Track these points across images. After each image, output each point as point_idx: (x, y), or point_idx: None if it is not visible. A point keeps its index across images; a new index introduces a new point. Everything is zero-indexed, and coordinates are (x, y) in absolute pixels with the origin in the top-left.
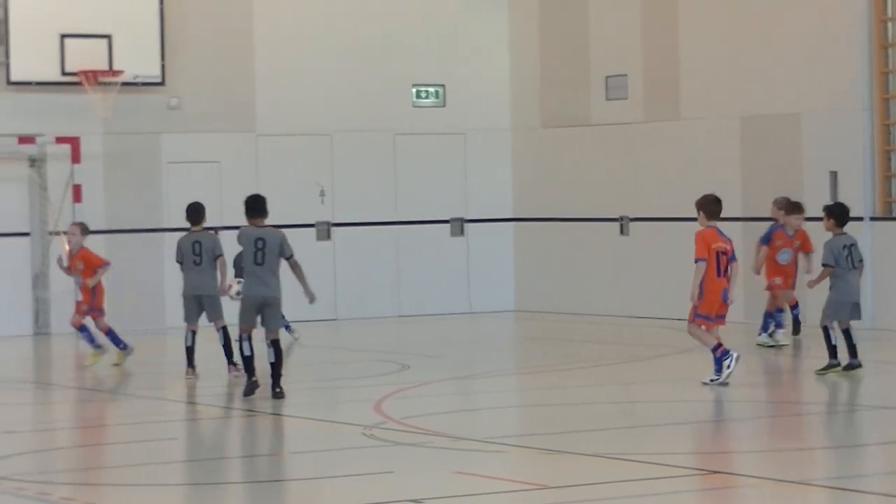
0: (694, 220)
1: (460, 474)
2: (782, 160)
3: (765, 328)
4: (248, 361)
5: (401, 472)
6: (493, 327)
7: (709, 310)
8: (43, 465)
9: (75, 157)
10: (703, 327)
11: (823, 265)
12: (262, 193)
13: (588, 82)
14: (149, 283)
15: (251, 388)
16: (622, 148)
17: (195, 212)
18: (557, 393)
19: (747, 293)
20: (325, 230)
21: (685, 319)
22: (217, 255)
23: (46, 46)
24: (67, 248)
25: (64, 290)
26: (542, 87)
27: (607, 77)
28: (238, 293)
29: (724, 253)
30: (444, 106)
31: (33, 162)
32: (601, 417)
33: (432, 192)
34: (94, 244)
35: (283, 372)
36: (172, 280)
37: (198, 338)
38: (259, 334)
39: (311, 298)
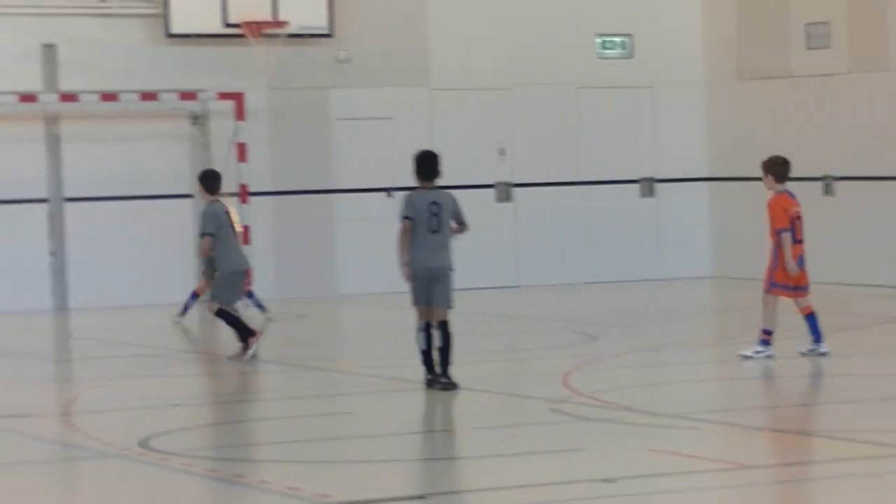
0: None
1: (655, 452)
2: None
3: None
4: (427, 355)
5: (591, 449)
6: (687, 295)
7: (787, 279)
8: (211, 441)
9: (239, 114)
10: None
11: None
12: (436, 151)
13: (787, 30)
14: (319, 248)
15: (432, 383)
16: (825, 101)
17: (216, 179)
18: (756, 365)
19: None
20: (504, 191)
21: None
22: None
23: None
24: None
25: None
26: (738, 36)
27: (808, 24)
28: None
29: (798, 217)
30: (631, 57)
31: (195, 119)
32: (803, 392)
33: (619, 149)
34: (260, 206)
35: (452, 360)
36: (344, 244)
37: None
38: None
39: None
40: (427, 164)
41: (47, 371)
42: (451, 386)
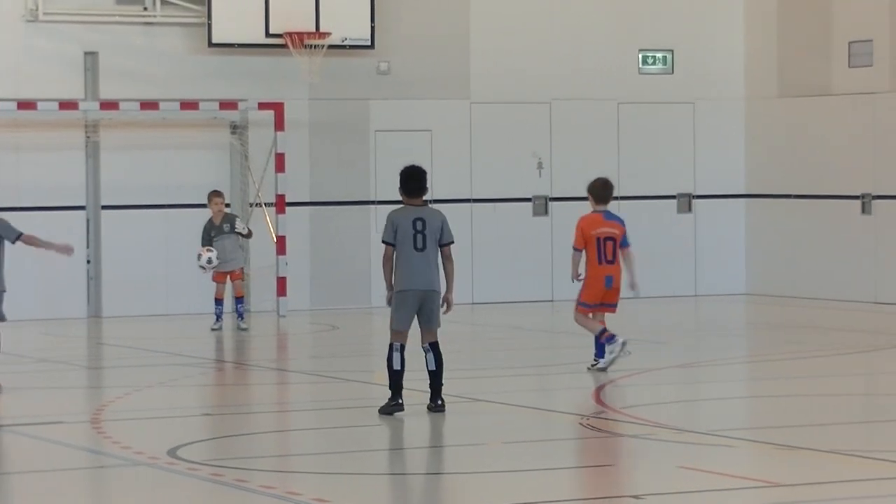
0: None
1: (685, 469)
2: None
3: None
4: (397, 377)
5: (621, 465)
6: (722, 312)
7: (590, 297)
8: (240, 451)
9: (279, 125)
10: (589, 315)
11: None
12: (478, 163)
13: (829, 48)
14: (355, 260)
15: (394, 409)
16: (866, 119)
17: None
18: (791, 383)
19: None
20: (542, 205)
21: None
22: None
23: (250, 6)
24: None
25: (263, 266)
26: (780, 54)
27: (850, 42)
28: (210, 262)
29: (611, 238)
30: (672, 73)
31: (235, 129)
32: (839, 410)
33: (658, 165)
34: (297, 217)
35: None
36: (380, 256)
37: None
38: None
39: (448, 307)
40: (412, 180)
41: (79, 378)
42: (442, 407)
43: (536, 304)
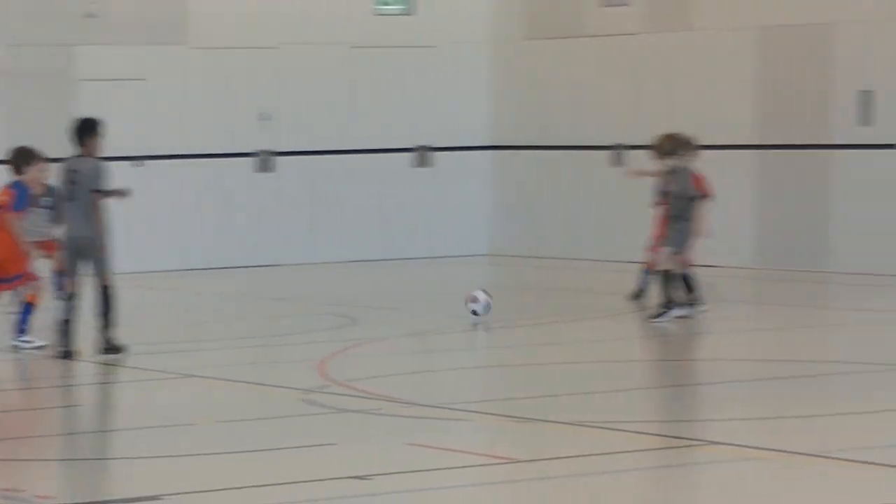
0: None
1: (414, 446)
2: (807, 78)
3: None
4: (66, 326)
5: (345, 443)
6: (461, 275)
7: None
8: None
9: None
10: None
11: None
12: (196, 115)
13: None
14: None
15: (67, 355)
16: (621, 64)
17: None
18: (530, 351)
19: None
20: (267, 160)
21: (701, 265)
22: None
23: None
24: None
25: None
26: None
27: None
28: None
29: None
30: (411, 14)
31: None
32: (581, 380)
33: (395, 115)
34: None
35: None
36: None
37: None
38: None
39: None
40: (71, 132)
41: None
42: (116, 350)
43: (258, 269)
